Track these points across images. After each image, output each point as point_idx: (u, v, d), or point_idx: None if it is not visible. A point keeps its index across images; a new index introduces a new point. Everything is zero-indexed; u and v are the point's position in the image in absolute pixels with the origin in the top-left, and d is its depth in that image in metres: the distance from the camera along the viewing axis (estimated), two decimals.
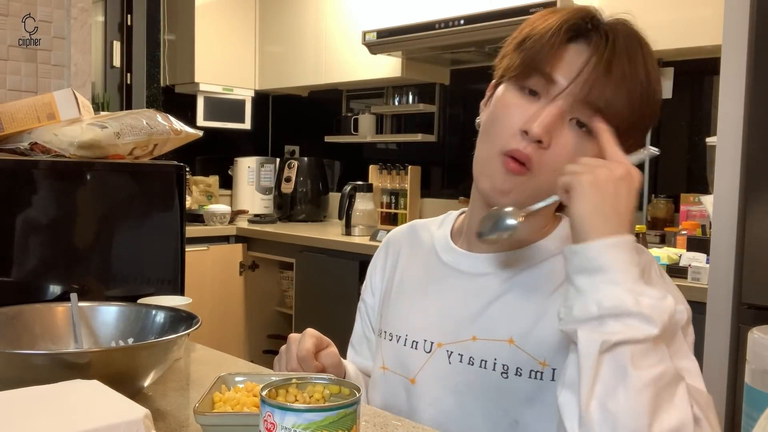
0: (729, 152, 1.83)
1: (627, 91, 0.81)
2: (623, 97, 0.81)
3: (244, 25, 3.95)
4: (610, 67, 0.81)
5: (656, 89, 0.85)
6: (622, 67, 0.81)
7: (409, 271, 1.02)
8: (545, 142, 0.81)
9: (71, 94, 1.40)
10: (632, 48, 0.83)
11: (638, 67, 0.82)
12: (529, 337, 0.86)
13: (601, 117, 0.81)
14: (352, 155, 4.02)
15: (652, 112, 0.86)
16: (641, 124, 0.86)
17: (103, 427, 0.59)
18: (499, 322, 0.88)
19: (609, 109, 0.81)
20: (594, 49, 0.82)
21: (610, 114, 0.81)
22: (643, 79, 0.83)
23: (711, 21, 2.26)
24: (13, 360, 0.80)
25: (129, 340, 1.00)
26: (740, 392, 0.71)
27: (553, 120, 0.81)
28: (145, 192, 1.42)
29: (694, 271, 2.08)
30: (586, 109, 0.81)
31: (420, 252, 1.02)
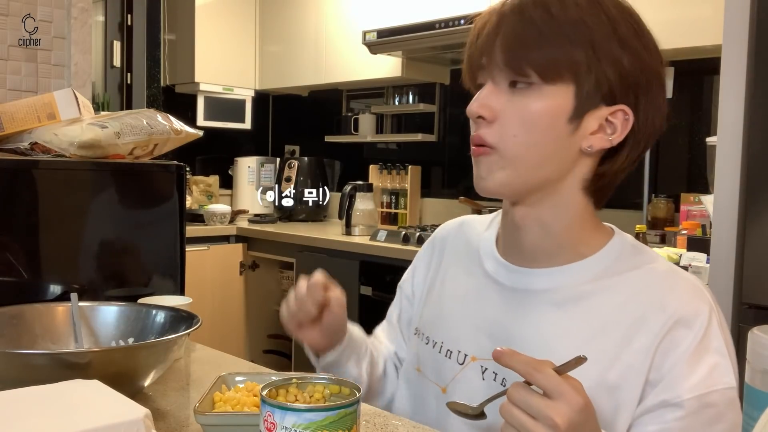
0: (729, 152, 1.83)
1: (547, 35, 0.78)
2: (543, 42, 0.78)
3: (244, 25, 3.95)
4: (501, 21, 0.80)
5: (617, 30, 0.79)
6: (521, 16, 0.79)
7: (452, 273, 0.98)
8: (487, 116, 0.80)
9: (71, 94, 1.40)
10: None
11: (561, 8, 0.78)
12: None
13: (533, 70, 0.78)
14: (352, 155, 4.02)
15: (617, 59, 0.79)
16: (611, 73, 0.79)
17: (104, 427, 0.59)
18: (537, 344, 0.82)
19: (532, 60, 0.78)
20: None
21: (541, 65, 0.78)
22: (575, 17, 0.78)
23: (711, 20, 2.26)
24: (14, 360, 0.80)
25: (129, 340, 1.00)
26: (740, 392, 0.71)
27: (485, 94, 0.81)
28: (146, 192, 1.42)
29: (695, 271, 2.08)
30: (509, 69, 0.79)
31: (465, 254, 0.97)
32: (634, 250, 0.87)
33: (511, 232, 0.89)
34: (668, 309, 0.79)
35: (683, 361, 0.77)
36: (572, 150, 0.82)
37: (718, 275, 1.86)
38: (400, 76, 3.35)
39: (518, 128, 0.79)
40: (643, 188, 2.79)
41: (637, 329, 0.79)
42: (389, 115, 3.80)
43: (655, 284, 0.82)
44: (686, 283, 0.83)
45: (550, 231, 0.85)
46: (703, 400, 0.76)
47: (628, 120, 0.81)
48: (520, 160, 0.80)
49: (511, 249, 0.89)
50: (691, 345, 0.77)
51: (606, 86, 0.79)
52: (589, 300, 0.83)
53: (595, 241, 0.87)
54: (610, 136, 0.82)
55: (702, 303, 0.80)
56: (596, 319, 0.81)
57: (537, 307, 0.85)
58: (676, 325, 0.78)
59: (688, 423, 0.76)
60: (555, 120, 0.80)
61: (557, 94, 0.79)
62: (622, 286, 0.83)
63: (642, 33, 0.82)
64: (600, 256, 0.85)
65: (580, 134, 0.81)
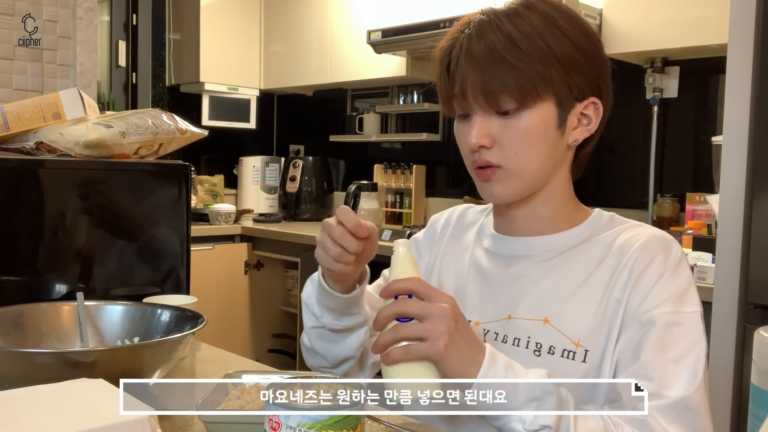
0: (735, 151, 1.83)
1: (518, 66, 0.85)
2: (516, 73, 0.85)
3: (249, 25, 3.96)
4: (472, 51, 0.87)
5: (558, 28, 0.87)
6: (485, 45, 0.86)
7: (454, 252, 1.05)
8: (487, 144, 0.89)
9: (77, 94, 1.41)
10: (498, 19, 0.87)
11: (521, 35, 0.86)
12: (564, 318, 0.90)
13: (514, 100, 0.86)
14: (356, 154, 4.02)
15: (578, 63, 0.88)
16: (576, 77, 0.88)
17: (109, 426, 0.59)
18: (535, 302, 0.92)
19: (511, 92, 0.86)
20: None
21: (520, 94, 0.86)
22: (527, 31, 0.86)
23: (717, 19, 2.25)
24: (20, 358, 0.80)
25: (135, 339, 1.00)
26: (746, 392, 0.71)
27: (479, 126, 0.89)
28: (151, 191, 1.43)
29: (700, 270, 2.07)
30: (490, 99, 0.87)
31: (464, 236, 1.06)
32: (616, 218, 0.98)
33: (504, 222, 1.00)
34: (649, 249, 0.90)
35: (655, 280, 0.87)
36: (562, 148, 0.93)
37: (723, 275, 1.85)
38: (405, 75, 3.35)
39: (517, 147, 0.89)
40: (649, 188, 2.78)
41: (621, 267, 0.90)
42: (394, 114, 3.79)
43: (635, 232, 0.93)
44: (661, 233, 0.95)
45: (540, 213, 0.96)
46: (671, 318, 0.86)
47: (598, 108, 0.92)
48: (524, 170, 0.91)
49: (505, 227, 1.00)
50: (663, 267, 0.88)
51: (576, 89, 0.89)
52: (579, 254, 0.94)
53: (580, 214, 0.98)
54: (587, 126, 0.93)
55: (677, 247, 0.92)
56: (586, 265, 0.92)
57: (534, 269, 0.95)
58: (654, 260, 0.89)
59: (658, 335, 0.85)
60: (546, 131, 0.90)
61: (542, 108, 0.88)
62: (608, 240, 0.94)
63: (583, 27, 0.90)
64: (586, 224, 0.96)
65: (566, 134, 0.92)
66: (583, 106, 0.91)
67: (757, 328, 0.57)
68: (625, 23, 2.58)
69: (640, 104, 2.81)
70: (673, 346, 0.84)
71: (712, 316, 1.87)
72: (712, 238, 2.09)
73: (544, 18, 0.87)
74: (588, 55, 0.89)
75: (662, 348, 0.84)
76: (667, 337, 0.84)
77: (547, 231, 0.96)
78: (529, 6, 0.88)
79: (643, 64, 2.76)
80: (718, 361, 1.85)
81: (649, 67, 2.74)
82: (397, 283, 0.78)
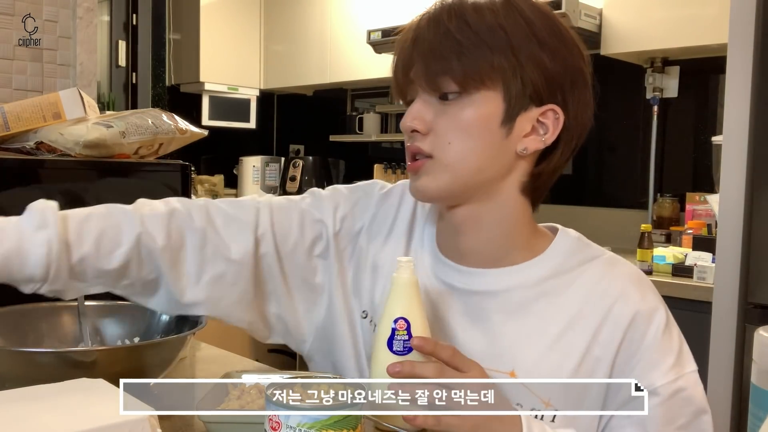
0: (735, 151, 1.83)
1: (466, 45, 0.78)
2: (462, 52, 0.78)
3: (249, 25, 3.96)
4: (418, 35, 0.81)
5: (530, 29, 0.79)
6: (437, 27, 0.80)
7: (386, 257, 0.91)
8: (421, 129, 0.81)
9: (77, 94, 1.41)
10: (455, 7, 0.80)
11: (477, 16, 0.79)
12: (535, 374, 0.81)
13: (455, 82, 0.79)
14: (356, 154, 4.02)
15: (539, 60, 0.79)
16: (534, 74, 0.79)
17: (109, 426, 0.59)
18: (498, 351, 0.82)
19: (452, 72, 0.78)
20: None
21: (461, 76, 0.78)
22: (492, 23, 0.78)
23: (717, 19, 2.25)
24: (20, 358, 0.80)
25: (135, 339, 1.00)
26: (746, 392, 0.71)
27: (416, 108, 0.81)
28: (151, 191, 1.42)
29: (700, 270, 2.07)
30: (434, 81, 0.80)
31: (398, 240, 0.92)
32: (581, 244, 0.88)
33: (450, 235, 0.88)
34: (630, 301, 0.82)
35: (652, 351, 0.81)
36: (508, 153, 0.82)
37: (723, 275, 1.85)
38: None
39: (453, 136, 0.80)
40: (649, 188, 2.78)
41: (603, 321, 0.82)
42: (394, 114, 3.79)
43: (612, 276, 0.85)
44: (635, 274, 0.87)
45: (489, 234, 0.85)
46: (675, 385, 0.80)
47: (558, 119, 0.82)
48: (457, 164, 0.81)
49: (452, 251, 0.88)
50: (657, 335, 0.81)
51: (531, 87, 0.80)
52: (550, 298, 0.84)
53: (539, 241, 0.87)
54: (543, 136, 0.82)
55: (654, 294, 0.85)
56: (561, 315, 0.83)
57: (493, 308, 0.84)
58: (638, 316, 0.82)
59: (665, 409, 0.80)
60: (487, 125, 0.80)
61: (486, 100, 0.80)
62: (581, 280, 0.84)
63: (559, 32, 0.82)
64: (550, 255, 0.86)
65: (514, 137, 0.81)
66: (540, 112, 0.81)
67: (757, 328, 0.57)
68: (625, 23, 2.58)
69: (640, 104, 2.81)
70: (681, 415, 0.81)
71: (712, 316, 1.87)
72: (712, 238, 2.09)
73: (517, 13, 0.79)
74: (557, 59, 0.80)
75: (670, 419, 0.80)
76: (674, 407, 0.80)
77: (502, 261, 0.85)
78: (509, 3, 0.80)
79: (643, 63, 2.76)
80: (718, 361, 1.85)
81: (649, 67, 2.74)
82: (432, 346, 0.74)
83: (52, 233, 0.81)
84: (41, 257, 0.80)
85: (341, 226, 0.93)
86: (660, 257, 2.23)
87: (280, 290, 0.92)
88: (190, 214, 0.90)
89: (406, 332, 0.76)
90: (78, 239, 0.83)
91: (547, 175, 0.86)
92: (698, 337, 1.89)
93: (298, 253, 0.92)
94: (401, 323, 0.76)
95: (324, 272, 0.93)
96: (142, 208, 0.89)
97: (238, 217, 0.91)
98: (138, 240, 0.85)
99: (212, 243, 0.89)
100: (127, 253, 0.84)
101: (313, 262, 0.93)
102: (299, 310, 0.93)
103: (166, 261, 0.86)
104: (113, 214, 0.87)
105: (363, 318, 0.92)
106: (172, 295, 0.88)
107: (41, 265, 0.80)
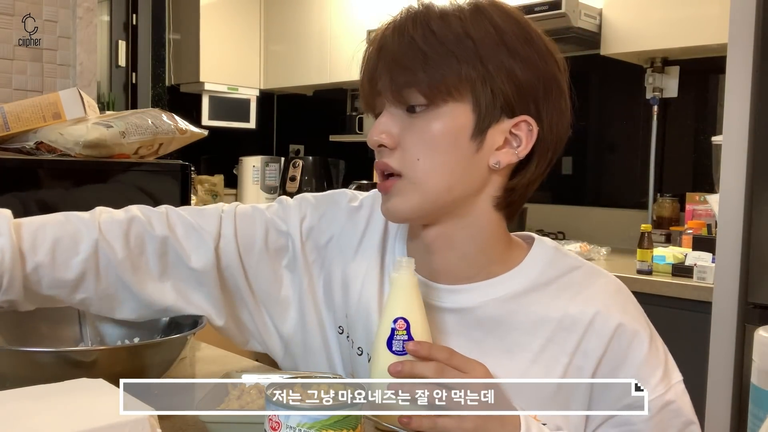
0: (735, 151, 1.83)
1: (431, 55, 0.75)
2: (427, 63, 0.74)
3: (249, 25, 3.96)
4: (383, 45, 0.78)
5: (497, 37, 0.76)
6: (401, 37, 0.76)
7: (366, 276, 0.88)
8: (388, 143, 0.78)
9: (77, 94, 1.41)
10: (421, 15, 0.77)
11: (443, 24, 0.76)
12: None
13: (420, 93, 0.75)
14: (356, 154, 4.02)
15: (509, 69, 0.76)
16: (504, 84, 0.76)
17: (109, 426, 0.59)
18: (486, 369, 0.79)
19: (417, 84, 0.75)
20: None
21: (427, 87, 0.75)
22: (459, 32, 0.75)
23: (717, 19, 2.25)
24: (20, 358, 0.80)
25: (135, 339, 1.00)
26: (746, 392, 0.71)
27: (383, 121, 0.78)
28: (151, 191, 1.43)
29: (700, 270, 2.07)
30: (399, 93, 0.77)
31: (368, 255, 0.89)
32: (558, 254, 0.85)
33: (422, 254, 0.84)
34: (611, 312, 0.81)
35: (641, 367, 0.80)
36: (480, 168, 0.78)
37: (723, 275, 1.85)
38: None
39: (421, 152, 0.77)
40: (649, 188, 2.78)
41: (585, 333, 0.80)
42: None
43: (592, 288, 0.83)
44: (615, 285, 0.85)
45: (463, 251, 0.82)
46: (665, 398, 0.80)
47: (532, 131, 0.78)
48: (427, 183, 0.77)
49: (425, 269, 0.84)
50: (644, 350, 0.80)
51: (502, 98, 0.76)
52: (529, 310, 0.81)
53: (514, 253, 0.85)
54: (516, 149, 0.79)
55: (635, 306, 0.83)
56: (543, 329, 0.81)
57: (474, 330, 0.82)
58: (621, 328, 0.80)
59: (655, 422, 0.79)
60: (457, 139, 0.77)
61: (455, 112, 0.76)
62: (560, 293, 0.82)
63: (531, 39, 0.78)
64: (526, 267, 0.83)
65: (485, 151, 0.78)
66: (513, 124, 0.77)
67: (757, 328, 0.57)
68: (624, 23, 2.58)
69: (640, 104, 2.82)
70: (670, 426, 0.80)
71: (712, 316, 1.87)
72: (712, 238, 2.09)
73: (486, 21, 0.76)
74: (529, 67, 0.76)
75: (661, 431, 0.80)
76: (664, 420, 0.80)
77: (476, 277, 0.82)
78: (477, 9, 0.77)
79: (643, 63, 2.76)
80: (718, 361, 1.85)
81: (649, 67, 2.74)
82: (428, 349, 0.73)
83: (4, 242, 0.78)
84: None
85: (308, 237, 0.91)
86: (660, 257, 2.23)
87: (248, 300, 0.90)
88: (150, 222, 0.87)
89: (405, 332, 0.76)
90: (32, 248, 0.80)
91: (522, 188, 0.82)
92: (698, 337, 1.89)
93: (263, 265, 0.90)
94: (401, 323, 0.76)
95: (292, 285, 0.91)
96: (100, 216, 0.86)
97: (200, 226, 0.88)
98: (96, 248, 0.83)
99: (173, 251, 0.87)
100: (85, 262, 0.82)
101: (280, 273, 0.91)
102: (268, 323, 0.92)
103: (127, 269, 0.84)
104: (70, 222, 0.84)
105: (340, 334, 0.90)
106: (140, 301, 0.86)
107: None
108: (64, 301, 0.85)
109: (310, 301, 0.90)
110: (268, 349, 0.94)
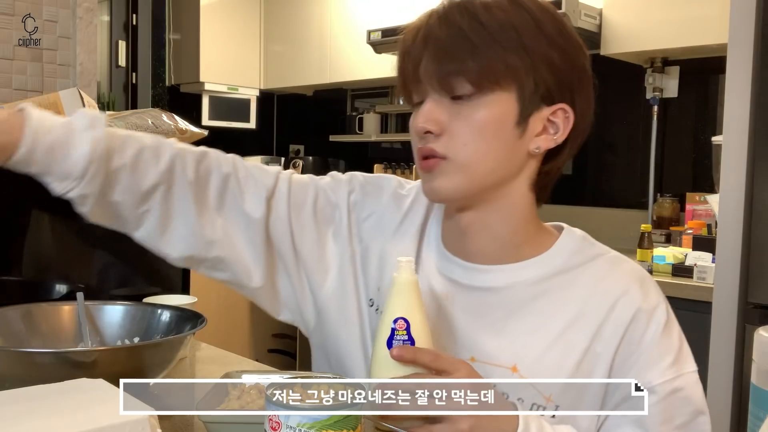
0: (735, 151, 1.83)
1: (479, 44, 0.77)
2: (476, 52, 0.77)
3: (249, 25, 3.96)
4: (434, 32, 0.79)
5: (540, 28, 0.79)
6: (449, 26, 0.79)
7: (394, 251, 0.91)
8: (434, 129, 0.80)
9: (77, 94, 1.41)
10: (466, 5, 0.79)
11: (487, 14, 0.78)
12: (537, 369, 0.81)
13: (469, 82, 0.78)
14: (356, 154, 4.02)
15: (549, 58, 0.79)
16: (546, 73, 0.79)
17: (109, 426, 0.59)
18: (500, 346, 0.83)
19: (466, 73, 0.77)
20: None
21: (476, 76, 0.77)
22: (503, 22, 0.78)
23: (717, 19, 2.26)
24: (20, 358, 0.80)
25: (135, 339, 1.00)
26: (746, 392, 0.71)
27: (429, 108, 0.80)
28: None
29: (700, 270, 2.07)
30: (447, 81, 0.79)
31: (407, 237, 0.92)
32: (585, 243, 0.89)
33: (457, 235, 0.88)
34: (632, 299, 0.83)
35: (651, 349, 0.81)
36: (521, 153, 0.82)
37: (723, 275, 1.85)
38: None
39: (468, 138, 0.80)
40: (649, 188, 2.78)
41: (606, 319, 0.82)
42: (394, 114, 3.80)
43: (615, 274, 0.85)
44: (639, 272, 0.87)
45: (497, 233, 0.86)
46: (674, 384, 0.81)
47: (568, 118, 0.82)
48: (472, 166, 0.81)
49: (458, 249, 0.88)
50: (657, 333, 0.82)
51: (543, 87, 0.80)
52: (553, 295, 0.84)
53: (544, 239, 0.88)
54: (554, 135, 0.83)
55: (657, 293, 0.85)
56: (564, 312, 0.83)
57: (495, 304, 0.85)
58: (640, 313, 0.82)
59: (663, 407, 0.80)
60: (502, 126, 0.80)
61: (500, 100, 0.79)
62: (584, 278, 0.85)
63: (565, 30, 0.82)
64: (554, 252, 0.87)
65: (527, 137, 0.81)
66: (551, 111, 0.81)
67: (757, 328, 0.57)
68: (625, 23, 2.58)
69: (640, 104, 2.81)
70: (679, 414, 0.81)
71: (712, 316, 1.87)
72: (712, 238, 2.09)
73: (525, 12, 0.79)
74: (566, 57, 0.80)
75: (668, 418, 0.80)
76: (672, 406, 0.81)
77: (506, 258, 0.86)
78: (516, 1, 0.80)
79: (643, 64, 2.76)
80: (718, 360, 1.85)
81: (649, 67, 2.74)
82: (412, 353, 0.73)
83: (99, 135, 0.81)
84: (85, 154, 0.80)
85: (353, 210, 0.95)
86: (660, 257, 2.23)
87: (289, 263, 0.93)
88: (218, 159, 0.92)
89: (405, 332, 0.76)
90: (121, 147, 0.84)
91: (556, 171, 0.87)
92: (698, 337, 1.89)
93: (309, 228, 0.93)
94: (401, 323, 0.76)
95: (335, 251, 0.94)
96: (177, 143, 0.91)
97: (259, 178, 0.93)
98: (173, 164, 0.86)
99: (231, 191, 0.90)
100: (161, 174, 0.85)
101: (324, 239, 0.94)
102: (305, 286, 0.94)
103: (193, 194, 0.88)
104: (155, 137, 0.89)
105: (370, 306, 0.92)
106: (191, 229, 0.88)
107: (83, 161, 0.80)
108: (126, 211, 0.86)
109: (349, 269, 0.93)
110: (302, 317, 0.96)
